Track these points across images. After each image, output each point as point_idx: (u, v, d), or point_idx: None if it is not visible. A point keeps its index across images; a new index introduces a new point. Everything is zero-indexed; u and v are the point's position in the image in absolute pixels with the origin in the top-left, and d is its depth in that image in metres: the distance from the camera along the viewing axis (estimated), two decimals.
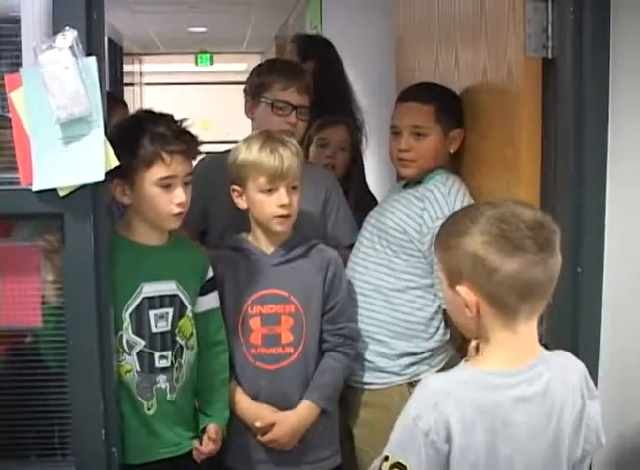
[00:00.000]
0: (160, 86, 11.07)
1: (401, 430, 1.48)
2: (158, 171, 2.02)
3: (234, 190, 2.32)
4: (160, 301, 2.10)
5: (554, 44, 2.06)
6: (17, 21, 1.73)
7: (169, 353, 2.10)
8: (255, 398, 2.30)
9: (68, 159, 1.71)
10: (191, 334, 2.16)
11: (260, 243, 2.35)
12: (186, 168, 2.07)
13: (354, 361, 2.42)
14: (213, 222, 2.60)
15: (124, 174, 1.99)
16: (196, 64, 10.69)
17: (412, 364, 2.39)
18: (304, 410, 2.30)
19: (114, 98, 3.27)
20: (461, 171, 2.45)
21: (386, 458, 1.48)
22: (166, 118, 2.10)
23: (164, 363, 2.09)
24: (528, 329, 1.53)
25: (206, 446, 2.16)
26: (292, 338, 2.30)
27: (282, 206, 2.24)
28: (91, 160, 1.70)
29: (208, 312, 2.22)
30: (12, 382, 1.87)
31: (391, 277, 2.40)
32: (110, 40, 8.75)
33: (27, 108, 1.71)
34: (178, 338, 2.12)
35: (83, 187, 1.72)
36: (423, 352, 2.39)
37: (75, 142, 1.71)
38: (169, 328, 2.10)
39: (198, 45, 9.94)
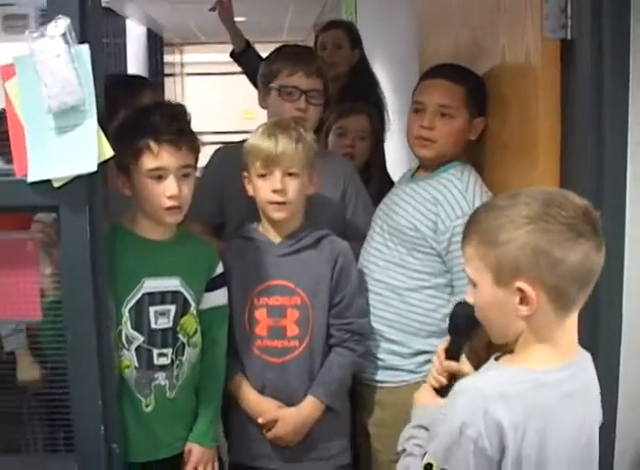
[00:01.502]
0: (201, 76, 11.07)
1: (446, 438, 1.39)
2: (146, 162, 1.97)
3: (245, 177, 2.30)
4: (162, 297, 2.05)
5: (573, 24, 1.97)
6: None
7: (169, 351, 2.06)
8: (261, 391, 2.27)
9: (62, 149, 1.67)
10: (195, 331, 2.12)
11: (269, 233, 2.31)
12: (179, 160, 1.99)
13: (366, 359, 2.37)
14: (231, 214, 2.55)
15: (125, 166, 1.95)
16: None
17: (427, 362, 2.30)
18: (308, 406, 2.26)
19: (140, 82, 3.20)
20: (479, 160, 2.36)
21: (429, 466, 1.42)
22: (163, 108, 2.05)
23: (164, 360, 2.06)
24: (573, 322, 1.46)
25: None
26: (297, 331, 2.26)
27: (275, 191, 2.20)
28: (84, 150, 1.66)
29: (213, 309, 2.18)
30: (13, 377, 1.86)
31: (404, 276, 2.31)
32: (149, 31, 8.78)
33: (21, 98, 1.68)
34: (180, 335, 2.08)
35: (78, 178, 1.68)
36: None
37: (69, 132, 1.67)
38: (171, 325, 2.06)
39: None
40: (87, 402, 1.76)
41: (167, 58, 9.91)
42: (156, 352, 2.05)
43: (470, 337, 1.64)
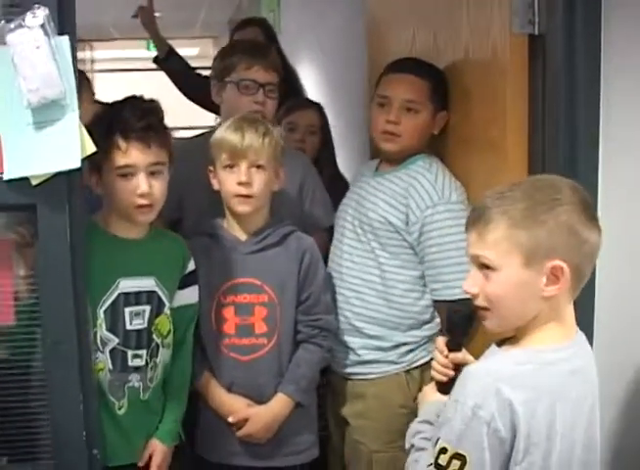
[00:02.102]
0: (112, 73, 10.82)
1: (459, 422, 1.40)
2: (115, 159, 1.92)
3: (210, 171, 2.27)
4: (137, 297, 2.01)
5: (540, 20, 2.00)
6: None
7: (144, 352, 2.02)
8: (229, 388, 2.26)
9: (41, 145, 1.60)
10: (169, 332, 2.09)
11: (234, 230, 2.29)
12: (149, 157, 1.95)
13: (346, 354, 2.38)
14: (189, 210, 2.50)
15: (96, 163, 1.89)
16: (148, 49, 10.44)
17: (409, 351, 2.33)
18: (279, 404, 2.26)
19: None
20: (442, 153, 2.38)
21: (443, 450, 1.42)
22: (134, 104, 2.00)
23: (138, 362, 2.02)
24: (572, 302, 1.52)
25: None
26: (265, 328, 2.26)
27: (241, 183, 2.18)
28: (66, 146, 1.59)
29: (184, 307, 2.14)
30: None
31: (379, 271, 2.32)
32: None
33: None
34: (154, 336, 2.05)
35: (57, 175, 1.61)
36: (419, 341, 2.33)
37: (48, 127, 1.60)
38: (145, 326, 2.03)
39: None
40: (68, 408, 1.69)
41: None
42: (130, 353, 2.01)
43: (467, 333, 1.66)
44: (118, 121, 1.92)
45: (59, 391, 1.69)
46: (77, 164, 1.60)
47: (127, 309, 1.99)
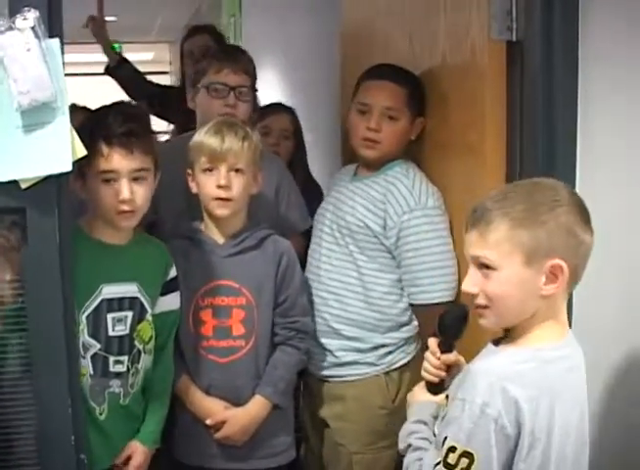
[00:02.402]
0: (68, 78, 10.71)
1: (467, 420, 1.43)
2: (98, 165, 1.92)
3: (188, 174, 2.28)
4: (120, 303, 2.01)
5: (518, 27, 2.05)
6: None
7: (125, 358, 2.02)
8: (207, 391, 2.27)
9: (31, 148, 1.59)
10: (150, 338, 2.09)
11: (212, 233, 2.30)
12: (131, 163, 1.94)
13: (324, 356, 2.40)
14: (165, 213, 2.50)
15: (80, 167, 1.88)
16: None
17: (388, 353, 2.35)
18: (256, 406, 2.27)
19: None
20: (419, 158, 2.41)
21: (452, 449, 1.44)
22: (117, 109, 2.00)
23: (119, 368, 2.02)
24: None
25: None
26: (243, 330, 2.27)
27: (220, 187, 2.19)
28: (57, 149, 1.58)
29: (165, 313, 2.14)
30: None
31: (358, 274, 2.34)
32: None
33: None
34: (136, 342, 2.05)
35: (47, 178, 1.60)
36: (397, 342, 2.35)
37: (38, 130, 1.59)
38: (127, 332, 2.03)
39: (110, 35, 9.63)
40: (57, 413, 1.68)
41: None
42: (112, 359, 2.00)
43: (459, 335, 1.68)
44: (101, 127, 1.92)
45: (47, 395, 1.68)
46: (69, 168, 1.59)
47: (110, 315, 1.99)
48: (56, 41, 1.59)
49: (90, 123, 1.93)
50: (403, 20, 2.55)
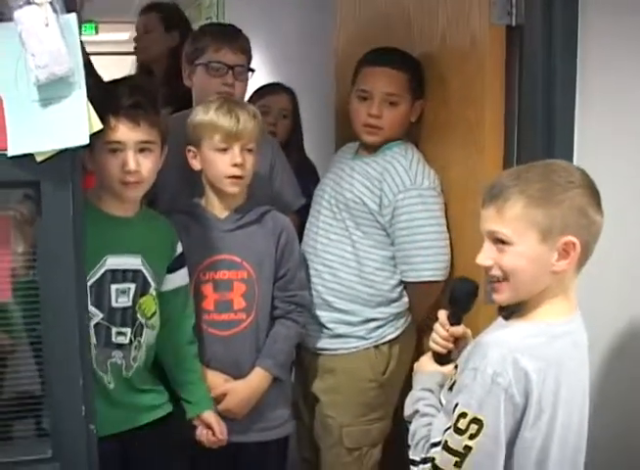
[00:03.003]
0: None
1: (478, 388, 1.49)
2: (104, 136, 1.92)
3: (189, 151, 2.30)
4: (123, 275, 2.04)
5: (518, 11, 2.09)
6: None
7: (128, 330, 2.06)
8: (207, 364, 2.30)
9: (48, 122, 1.59)
10: (153, 313, 2.11)
11: (214, 208, 2.33)
12: (138, 135, 1.99)
13: (316, 328, 2.46)
14: (162, 188, 2.52)
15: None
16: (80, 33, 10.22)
17: (378, 327, 2.41)
18: (257, 378, 2.31)
19: None
20: (418, 139, 2.46)
21: (463, 415, 1.50)
22: (127, 82, 2.03)
23: (122, 339, 2.05)
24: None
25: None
26: (244, 304, 2.31)
27: (235, 165, 2.23)
28: (74, 122, 1.59)
29: (177, 290, 2.18)
30: None
31: (352, 249, 2.40)
32: None
33: (1, 68, 1.59)
34: (138, 315, 2.07)
35: (62, 152, 1.62)
36: (387, 317, 2.41)
37: (55, 104, 1.59)
38: (130, 304, 2.06)
39: (84, 14, 9.52)
40: (69, 384, 1.69)
41: None
42: (114, 330, 2.04)
43: (468, 309, 1.73)
44: (110, 99, 1.94)
45: (58, 367, 1.69)
46: (85, 141, 1.60)
47: (114, 286, 2.02)
48: (73, 16, 1.59)
49: (100, 95, 1.95)
50: (403, 2, 2.58)
